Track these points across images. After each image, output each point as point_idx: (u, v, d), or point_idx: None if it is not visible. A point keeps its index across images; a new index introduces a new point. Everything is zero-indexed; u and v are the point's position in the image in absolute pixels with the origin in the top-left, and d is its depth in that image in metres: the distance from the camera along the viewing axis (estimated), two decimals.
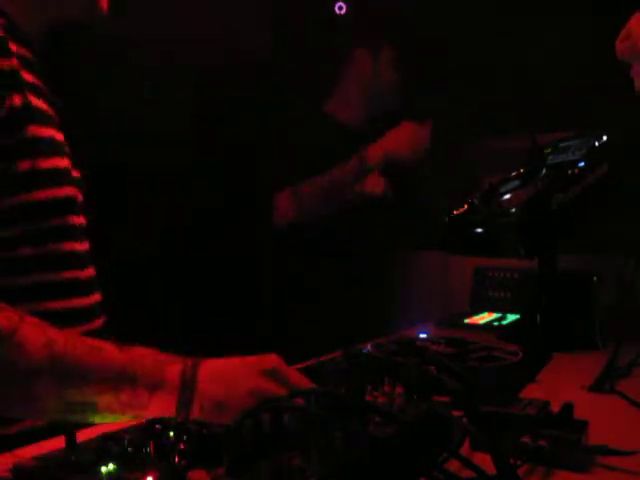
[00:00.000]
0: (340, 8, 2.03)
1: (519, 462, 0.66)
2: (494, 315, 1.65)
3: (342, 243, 1.86)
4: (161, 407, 0.71)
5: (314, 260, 1.85)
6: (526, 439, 0.70)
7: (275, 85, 1.93)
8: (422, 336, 1.29)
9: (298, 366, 1.07)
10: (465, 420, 0.69)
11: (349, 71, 1.96)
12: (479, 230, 1.36)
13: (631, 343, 1.15)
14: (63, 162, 0.92)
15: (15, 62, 0.84)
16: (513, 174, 1.47)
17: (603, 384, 1.00)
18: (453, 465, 0.63)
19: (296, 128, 1.86)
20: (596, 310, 1.35)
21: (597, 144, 1.36)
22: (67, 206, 0.92)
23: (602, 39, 1.75)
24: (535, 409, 0.77)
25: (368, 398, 0.71)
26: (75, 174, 0.97)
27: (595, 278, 1.40)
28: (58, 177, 0.90)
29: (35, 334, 0.71)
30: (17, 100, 0.83)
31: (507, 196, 1.34)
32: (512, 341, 1.30)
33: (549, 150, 1.49)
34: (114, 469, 0.56)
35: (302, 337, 1.61)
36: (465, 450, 0.70)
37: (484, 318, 1.62)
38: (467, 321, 1.59)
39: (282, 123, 1.87)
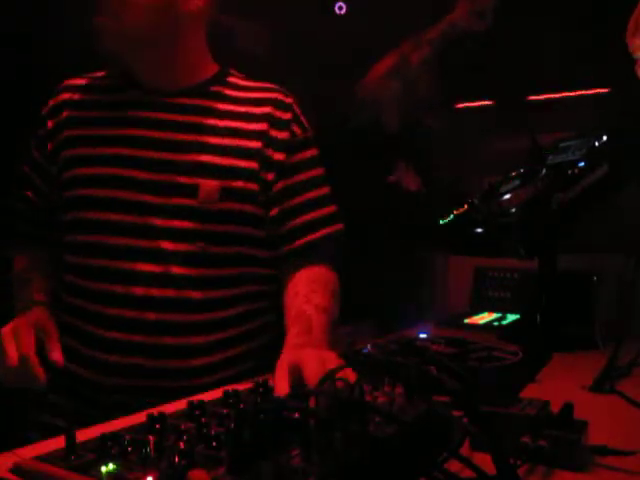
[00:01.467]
0: (340, 8, 2.03)
1: (519, 462, 0.66)
2: (494, 315, 1.65)
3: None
4: None
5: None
6: (526, 439, 0.70)
7: None
8: (422, 336, 1.29)
9: None
10: (465, 420, 0.69)
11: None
12: (479, 230, 1.36)
13: (631, 343, 1.15)
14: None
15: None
16: (513, 174, 1.47)
17: (603, 384, 1.00)
18: (453, 465, 0.63)
19: None
20: (596, 310, 1.36)
21: (597, 144, 1.36)
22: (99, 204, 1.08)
23: (602, 38, 1.76)
24: (535, 409, 0.76)
25: (368, 398, 0.71)
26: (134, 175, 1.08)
27: (595, 278, 1.40)
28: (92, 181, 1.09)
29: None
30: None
31: (507, 196, 1.34)
32: (512, 341, 1.30)
33: (549, 150, 1.49)
34: (114, 469, 0.56)
35: None
36: (465, 450, 0.70)
37: (484, 318, 1.62)
38: (467, 321, 1.59)
39: None
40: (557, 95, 1.89)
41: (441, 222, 1.46)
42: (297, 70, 1.89)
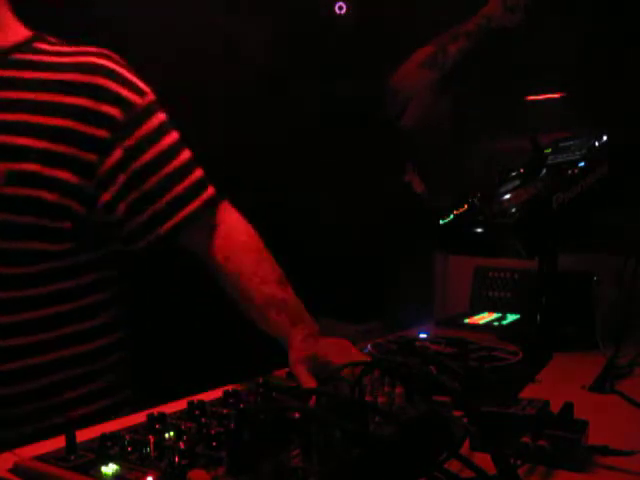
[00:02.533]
0: (340, 8, 2.03)
1: (519, 462, 0.66)
2: (494, 315, 1.65)
3: (341, 244, 1.86)
4: None
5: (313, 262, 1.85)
6: (526, 439, 0.70)
7: None
8: (422, 336, 1.29)
9: None
10: (465, 420, 0.69)
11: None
12: (479, 230, 1.36)
13: (631, 343, 1.15)
14: None
15: None
16: (513, 174, 1.47)
17: (603, 384, 1.00)
18: (453, 465, 0.63)
19: None
20: (596, 310, 1.35)
21: (597, 144, 1.36)
22: None
23: (602, 38, 1.76)
24: (535, 409, 0.77)
25: (368, 398, 0.71)
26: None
27: (595, 278, 1.40)
28: None
29: None
30: None
31: (507, 196, 1.34)
32: (512, 341, 1.30)
33: (549, 150, 1.49)
34: (114, 469, 0.56)
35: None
36: (465, 450, 0.70)
37: (484, 318, 1.62)
38: (467, 321, 1.59)
39: None
40: (557, 95, 1.89)
41: (441, 222, 1.46)
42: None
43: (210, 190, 1.07)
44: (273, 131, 1.81)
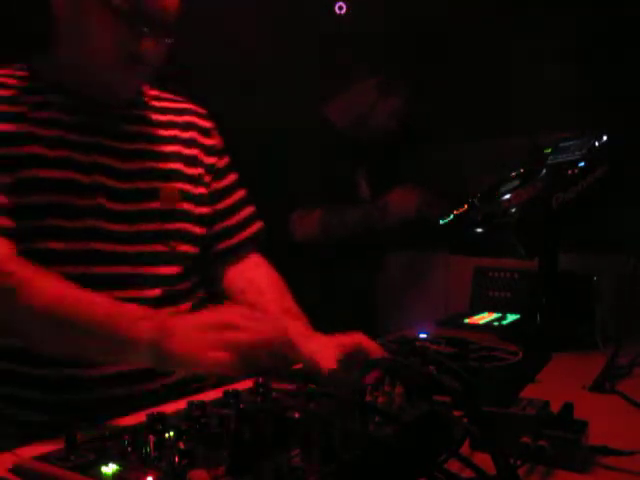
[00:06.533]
0: (340, 8, 2.03)
1: (519, 462, 0.66)
2: (494, 315, 1.65)
3: (344, 243, 1.86)
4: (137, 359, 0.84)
5: (314, 261, 1.85)
6: (526, 439, 0.70)
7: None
8: (422, 336, 1.29)
9: (299, 365, 1.07)
10: (465, 420, 0.69)
11: (355, 88, 1.97)
12: (479, 230, 1.36)
13: (631, 343, 1.15)
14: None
15: None
16: (513, 174, 1.47)
17: (603, 384, 1.01)
18: (453, 465, 0.63)
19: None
20: (596, 310, 1.35)
21: (597, 144, 1.36)
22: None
23: (601, 39, 1.76)
24: (535, 409, 0.77)
25: (368, 398, 0.71)
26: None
27: (595, 278, 1.40)
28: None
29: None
30: None
31: (507, 196, 1.33)
32: (512, 341, 1.30)
33: (549, 150, 1.49)
34: (114, 469, 0.56)
35: None
36: (465, 450, 0.70)
37: (484, 318, 1.62)
38: (467, 321, 1.59)
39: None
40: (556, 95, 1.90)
41: (441, 222, 1.46)
42: None
43: (261, 223, 1.25)
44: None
